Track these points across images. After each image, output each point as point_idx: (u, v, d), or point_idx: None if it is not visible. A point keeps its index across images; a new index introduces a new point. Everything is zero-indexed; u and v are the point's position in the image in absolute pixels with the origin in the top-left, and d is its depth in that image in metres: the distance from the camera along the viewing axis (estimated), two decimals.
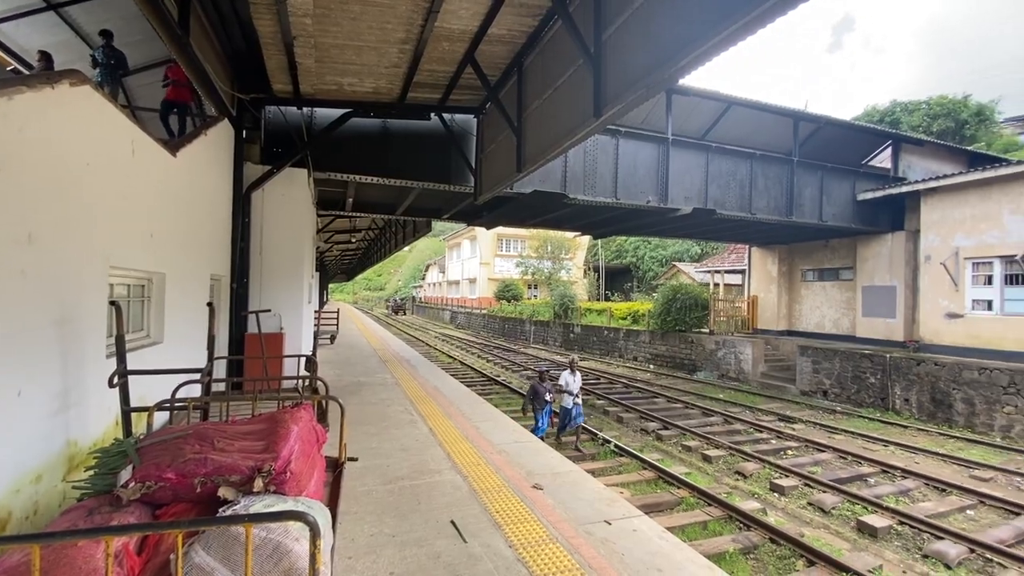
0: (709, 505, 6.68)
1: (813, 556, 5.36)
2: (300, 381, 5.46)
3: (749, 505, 6.74)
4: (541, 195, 10.48)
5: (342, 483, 3.01)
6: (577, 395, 8.88)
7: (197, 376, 4.00)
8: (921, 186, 13.23)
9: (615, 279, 43.23)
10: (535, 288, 44.16)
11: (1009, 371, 10.47)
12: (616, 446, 9.07)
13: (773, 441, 9.97)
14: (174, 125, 7.32)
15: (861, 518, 6.38)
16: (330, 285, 60.44)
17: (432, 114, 9.11)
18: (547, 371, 9.56)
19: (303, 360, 6.78)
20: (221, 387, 6.35)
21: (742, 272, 21.92)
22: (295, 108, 8.78)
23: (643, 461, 8.24)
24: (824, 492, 7.28)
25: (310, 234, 11.35)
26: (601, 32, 4.92)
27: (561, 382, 8.92)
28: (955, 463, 8.81)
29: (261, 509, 1.88)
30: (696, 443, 9.65)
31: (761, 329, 19.02)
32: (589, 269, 42.70)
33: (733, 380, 16.98)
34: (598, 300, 37.41)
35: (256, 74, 7.49)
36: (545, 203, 11.75)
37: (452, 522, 3.86)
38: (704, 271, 28.42)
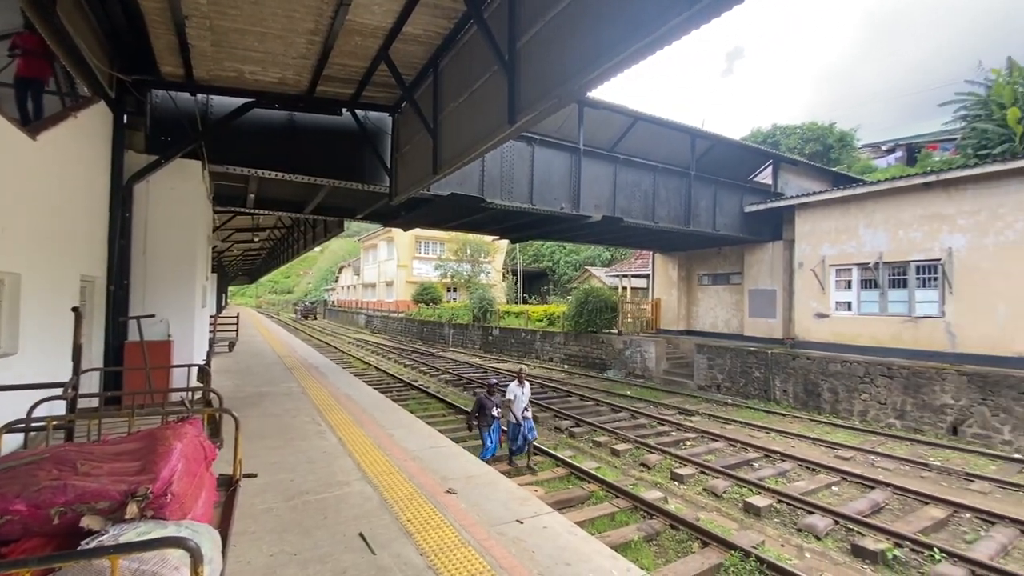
0: (617, 497, 7.04)
1: (707, 537, 5.84)
2: (189, 394, 4.98)
3: (652, 495, 7.20)
4: (459, 198, 10.47)
5: (237, 502, 2.79)
6: (527, 408, 8.18)
7: (60, 391, 3.50)
8: (795, 201, 14.98)
9: (533, 282, 44.22)
10: (454, 291, 43.91)
11: (864, 363, 12.15)
12: (532, 446, 9.26)
13: (674, 433, 10.73)
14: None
15: (747, 499, 7.05)
16: (230, 288, 55.69)
17: (344, 110, 8.77)
18: (496, 383, 8.69)
19: (195, 370, 6.21)
20: (94, 403, 5.61)
21: (647, 276, 23.42)
22: (188, 94, 8.02)
23: (556, 459, 8.49)
24: (717, 478, 7.97)
25: (204, 232, 10.41)
26: (515, 40, 5.03)
27: (509, 395, 8.17)
28: (823, 445, 10.04)
29: (134, 538, 1.69)
30: (606, 438, 10.13)
31: (664, 329, 20.42)
32: (508, 272, 43.31)
33: (639, 377, 18.05)
34: (516, 303, 38.03)
35: (141, 54, 6.74)
36: (463, 206, 11.75)
37: (361, 534, 3.72)
38: (613, 275, 29.97)
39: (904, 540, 5.85)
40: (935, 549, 5.59)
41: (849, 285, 13.69)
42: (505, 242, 40.64)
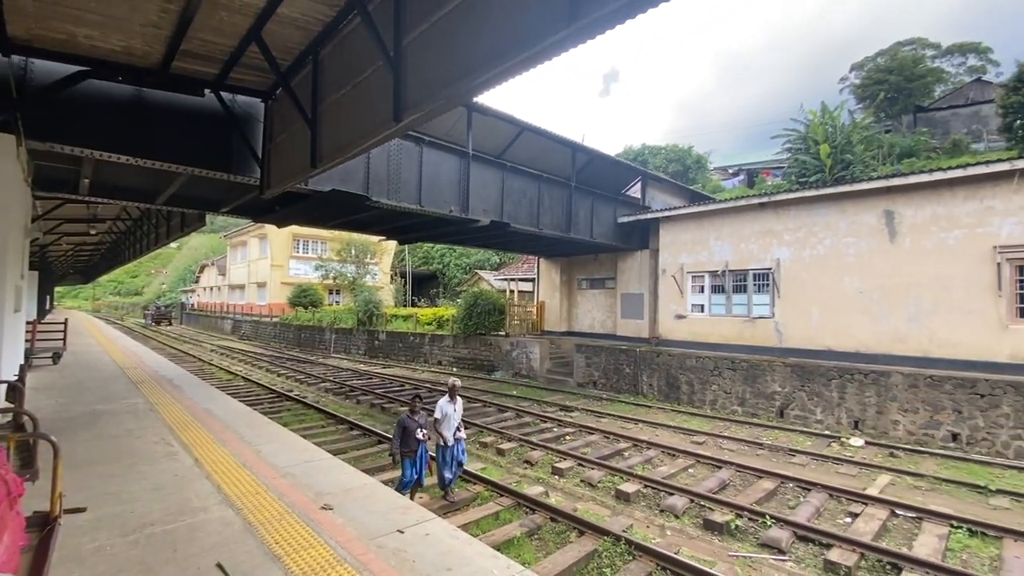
0: (501, 496, 7.19)
1: (583, 526, 6.21)
2: None
3: (534, 490, 7.47)
4: (342, 195, 9.95)
5: (54, 544, 2.35)
6: (460, 428, 7.14)
7: None
8: (660, 214, 16.66)
9: (422, 285, 43.51)
10: (337, 293, 41.56)
11: (714, 358, 13.86)
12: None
13: (555, 429, 11.27)
14: None
15: (619, 487, 7.64)
16: (57, 289, 46.77)
17: (208, 91, 7.85)
18: (418, 397, 7.31)
19: (2, 388, 5.12)
20: None
21: (533, 280, 24.35)
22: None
23: None
24: (593, 469, 8.52)
25: (19, 221, 8.62)
26: (401, 37, 4.92)
27: (438, 413, 7.05)
28: (682, 432, 11.25)
29: None
30: (492, 439, 10.30)
31: (548, 331, 21.38)
32: (396, 274, 42.08)
33: (525, 377, 18.67)
34: (405, 306, 37.10)
35: None
36: (347, 204, 11.17)
37: (219, 564, 3.35)
38: (502, 279, 30.68)
39: (744, 511, 6.77)
40: (767, 516, 6.55)
41: (702, 290, 15.55)
42: (393, 243, 39.48)
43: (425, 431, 6.72)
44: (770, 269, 13.93)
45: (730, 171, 43.30)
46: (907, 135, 32.44)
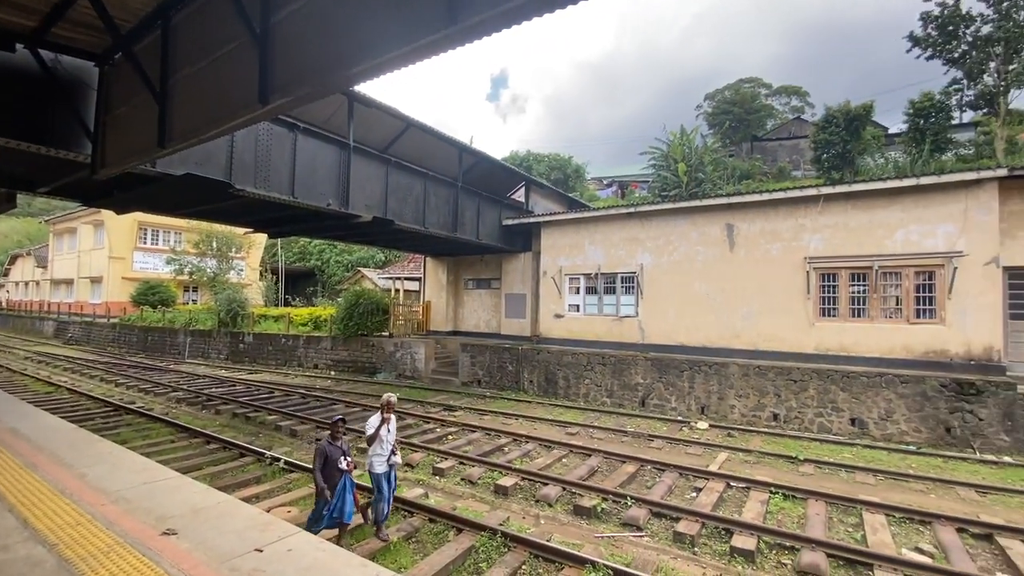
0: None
1: (461, 524, 6.27)
2: None
3: (414, 493, 7.37)
4: (199, 181, 8.87)
5: None
6: (395, 452, 6.08)
7: None
8: (542, 219, 17.46)
9: (298, 283, 40.40)
10: (194, 291, 36.95)
11: (587, 354, 14.87)
12: (287, 463, 8.47)
13: (438, 430, 11.22)
14: None
15: (497, 482, 7.85)
16: None
17: (20, 46, 6.50)
18: (342, 419, 5.95)
19: None
20: None
21: (419, 279, 23.97)
22: None
23: (312, 472, 7.93)
24: (473, 466, 8.64)
25: None
26: (270, 13, 4.55)
27: (368, 429, 5.96)
28: (558, 425, 11.89)
29: None
30: None
31: (433, 331, 21.20)
32: (266, 271, 38.50)
33: (409, 378, 18.31)
34: (277, 305, 34.15)
35: None
36: (205, 191, 9.98)
37: None
38: (386, 277, 29.73)
39: (609, 494, 7.36)
40: (628, 498, 7.20)
41: (578, 291, 16.61)
42: (263, 236, 36.13)
43: (350, 459, 5.63)
44: (635, 273, 15.33)
45: (605, 182, 46.75)
46: (745, 160, 37.86)
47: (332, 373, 20.18)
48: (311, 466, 8.14)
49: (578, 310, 16.57)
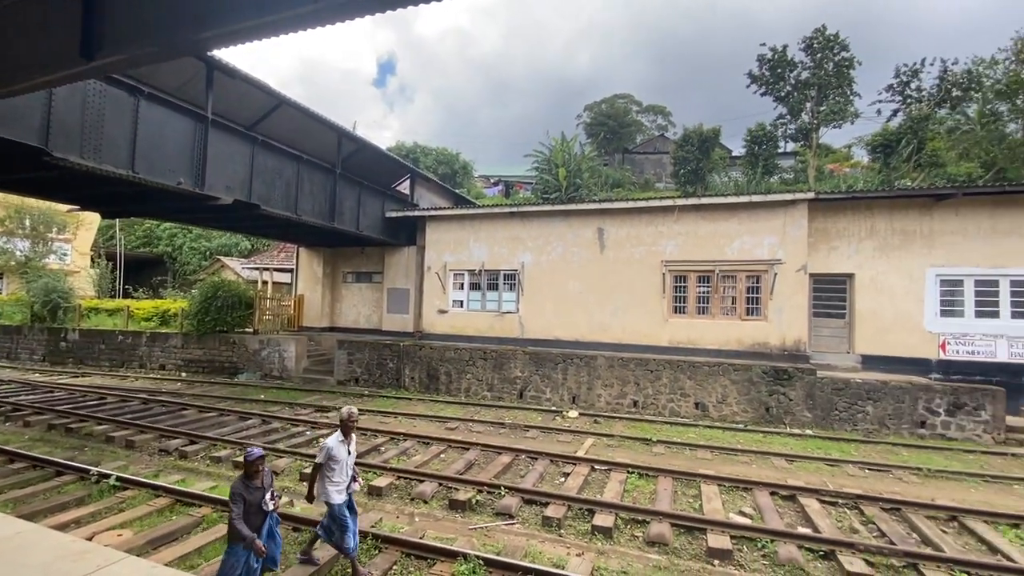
0: None
1: None
2: None
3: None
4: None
5: None
6: (355, 478, 5.16)
7: None
8: (427, 213, 17.24)
9: (142, 271, 34.91)
10: (0, 278, 30.17)
11: (469, 349, 15.04)
12: (120, 479, 7.34)
13: (308, 433, 10.54)
14: None
15: (371, 483, 7.61)
16: None
17: None
18: (260, 457, 4.34)
19: None
20: None
21: (291, 271, 22.20)
22: None
23: (154, 488, 6.99)
24: None
25: None
26: None
27: (321, 458, 4.89)
28: (438, 421, 11.86)
29: None
30: (228, 451, 9.03)
31: (307, 327, 19.81)
32: (100, 256, 32.61)
33: (277, 379, 16.91)
34: (115, 297, 29.23)
35: None
36: (10, 157, 8.20)
37: None
38: (253, 268, 27.06)
39: (484, 486, 7.54)
40: (502, 488, 7.44)
41: (463, 287, 16.72)
42: (96, 216, 30.51)
43: (276, 495, 4.48)
44: (517, 271, 15.86)
45: (492, 180, 47.56)
46: (617, 170, 41.16)
47: (183, 374, 17.88)
48: (152, 482, 7.25)
49: (462, 306, 16.66)
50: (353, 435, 5.10)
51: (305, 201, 13.19)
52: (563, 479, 8.20)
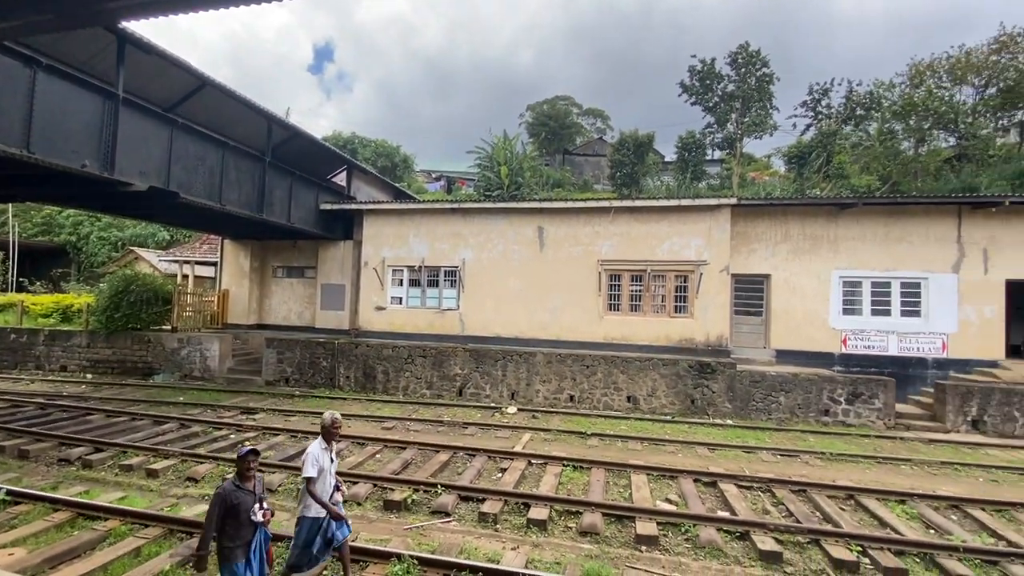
0: (146, 527, 5.90)
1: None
2: None
3: (197, 510, 6.43)
4: None
5: None
6: (339, 487, 4.75)
7: None
8: (365, 207, 16.75)
9: (40, 263, 31.36)
10: None
11: (408, 347, 14.80)
12: (10, 492, 6.59)
13: (232, 436, 9.97)
14: None
15: (300, 487, 7.31)
16: None
17: None
18: (254, 451, 4.06)
19: None
20: None
21: (215, 264, 20.80)
22: None
23: (52, 501, 6.35)
24: (273, 473, 7.90)
25: None
26: None
27: (309, 469, 4.34)
28: (374, 421, 11.60)
29: None
30: (140, 459, 8.36)
31: (232, 324, 18.67)
32: None
33: (198, 379, 15.82)
34: (5, 291, 26.09)
35: None
36: None
37: None
38: (171, 260, 25.09)
39: (420, 485, 7.47)
40: (439, 486, 7.40)
41: (401, 283, 16.42)
42: None
43: (267, 506, 4.01)
44: (457, 267, 15.79)
45: (433, 175, 46.93)
46: (558, 170, 41.90)
47: (88, 376, 16.30)
48: (50, 495, 6.60)
49: (401, 303, 16.36)
50: (335, 442, 4.74)
51: (231, 190, 12.41)
52: (500, 475, 8.29)
